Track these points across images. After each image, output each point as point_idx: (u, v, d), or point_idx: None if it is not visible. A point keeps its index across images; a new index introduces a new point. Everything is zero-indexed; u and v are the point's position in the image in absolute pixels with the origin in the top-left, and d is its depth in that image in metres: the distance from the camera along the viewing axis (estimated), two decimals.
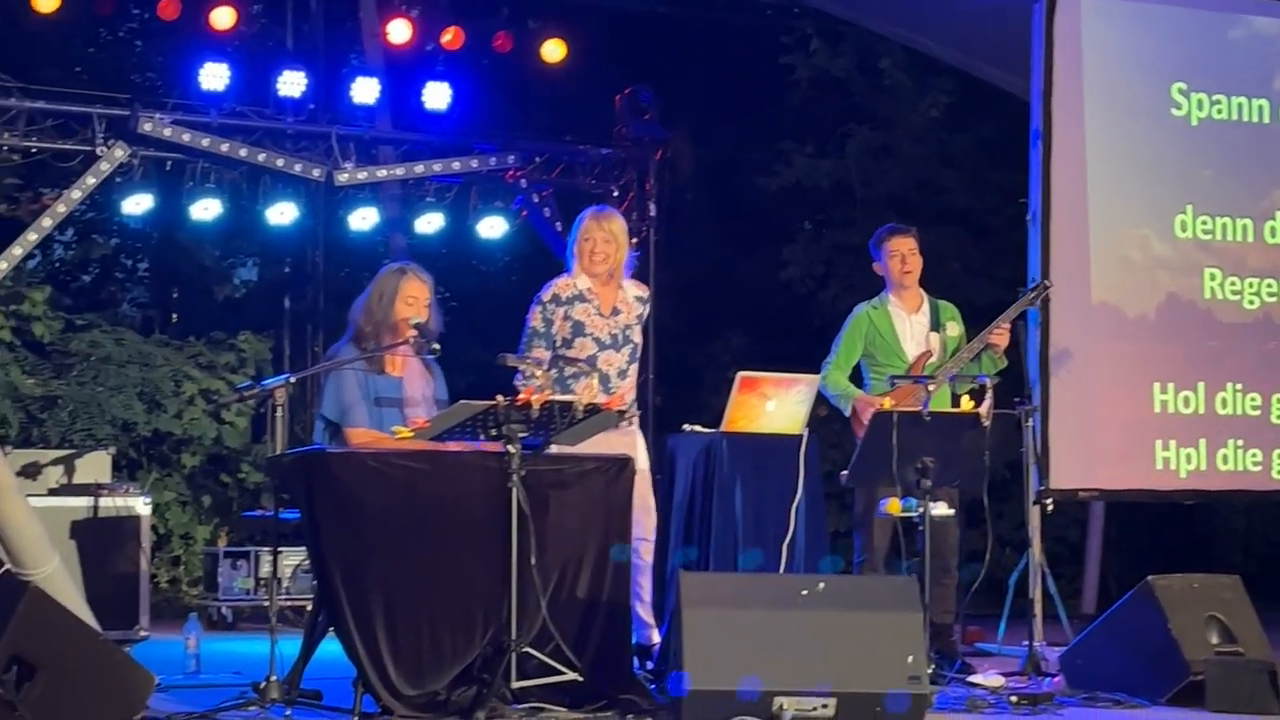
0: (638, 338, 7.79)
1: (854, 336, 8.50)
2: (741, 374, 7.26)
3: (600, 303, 7.69)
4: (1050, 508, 9.29)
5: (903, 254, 8.53)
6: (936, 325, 8.51)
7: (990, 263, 14.43)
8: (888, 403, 7.99)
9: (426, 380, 7.21)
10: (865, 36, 14.24)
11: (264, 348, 13.82)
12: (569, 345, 7.63)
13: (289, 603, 10.32)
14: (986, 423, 7.28)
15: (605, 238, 7.68)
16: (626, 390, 7.69)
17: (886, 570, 8.17)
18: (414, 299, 7.12)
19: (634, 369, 7.77)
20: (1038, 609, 8.73)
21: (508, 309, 15.35)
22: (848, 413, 8.36)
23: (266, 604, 10.25)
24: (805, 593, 6.35)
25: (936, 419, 7.28)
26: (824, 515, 7.58)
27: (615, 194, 12.80)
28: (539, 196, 12.64)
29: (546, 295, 7.70)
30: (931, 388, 7.85)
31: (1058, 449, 9.31)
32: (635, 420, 7.76)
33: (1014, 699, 6.87)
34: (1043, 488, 9.17)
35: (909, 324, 8.50)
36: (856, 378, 8.57)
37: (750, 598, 6.33)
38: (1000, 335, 8.32)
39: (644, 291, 7.88)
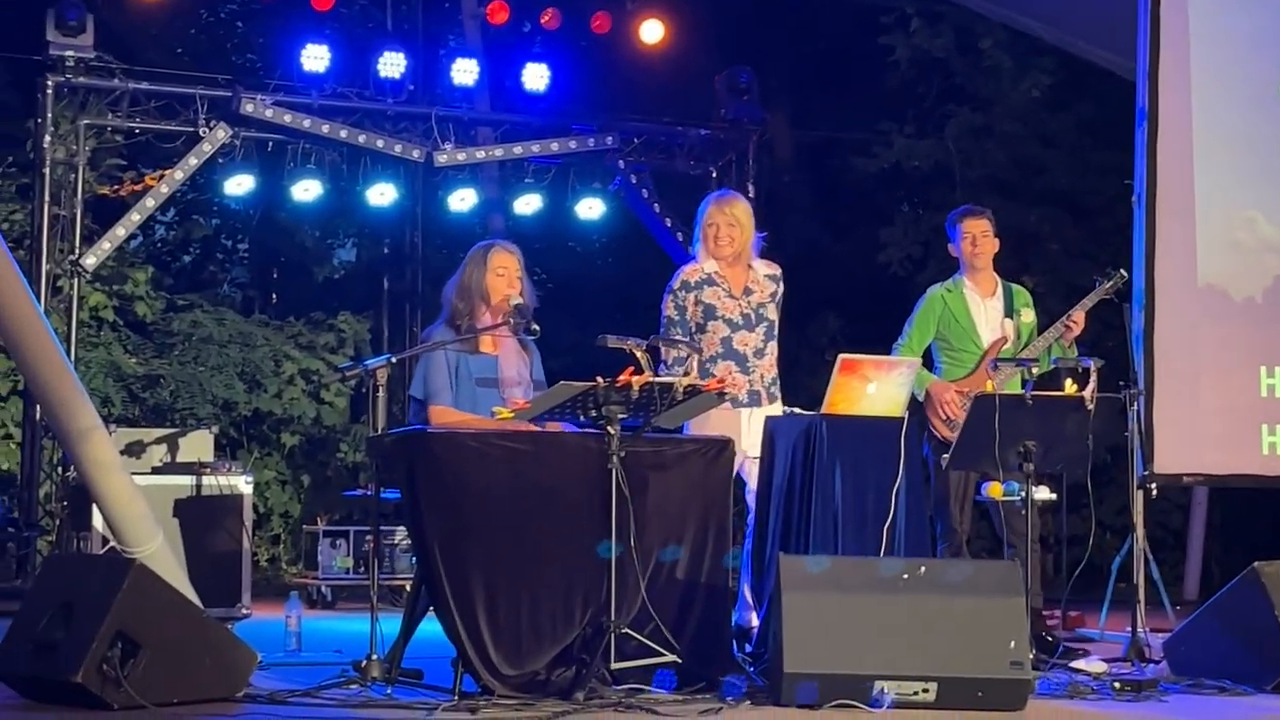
0: (773, 315, 7.88)
1: (927, 318, 8.43)
2: (843, 356, 7.21)
3: (730, 285, 7.80)
4: (1154, 493, 9.18)
5: (974, 236, 8.45)
6: (1010, 311, 8.43)
7: (1091, 244, 14.31)
8: (990, 385, 7.94)
9: (523, 360, 7.22)
10: (965, 15, 14.13)
11: (363, 328, 13.92)
12: (702, 330, 7.75)
13: (389, 582, 10.37)
14: (1091, 406, 7.20)
15: (728, 221, 7.79)
16: (765, 369, 7.78)
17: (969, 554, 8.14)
18: (504, 269, 7.14)
19: (771, 348, 7.86)
20: (1141, 595, 8.64)
21: (604, 290, 15.47)
22: (921, 397, 8.28)
23: (366, 583, 10.31)
24: (906, 577, 6.31)
25: (1040, 402, 7.21)
26: (924, 498, 7.52)
27: (714, 175, 12.78)
28: (637, 178, 12.64)
29: (676, 283, 7.82)
30: (1036, 370, 7.80)
31: (1162, 433, 9.20)
32: (779, 396, 7.81)
33: (1117, 685, 6.79)
34: (1146, 472, 9.06)
35: (984, 308, 8.43)
36: (926, 361, 8.51)
37: (850, 582, 6.30)
38: (1076, 326, 8.26)
39: (775, 270, 7.95)
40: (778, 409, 7.75)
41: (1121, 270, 8.56)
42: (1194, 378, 9.38)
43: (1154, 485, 9.16)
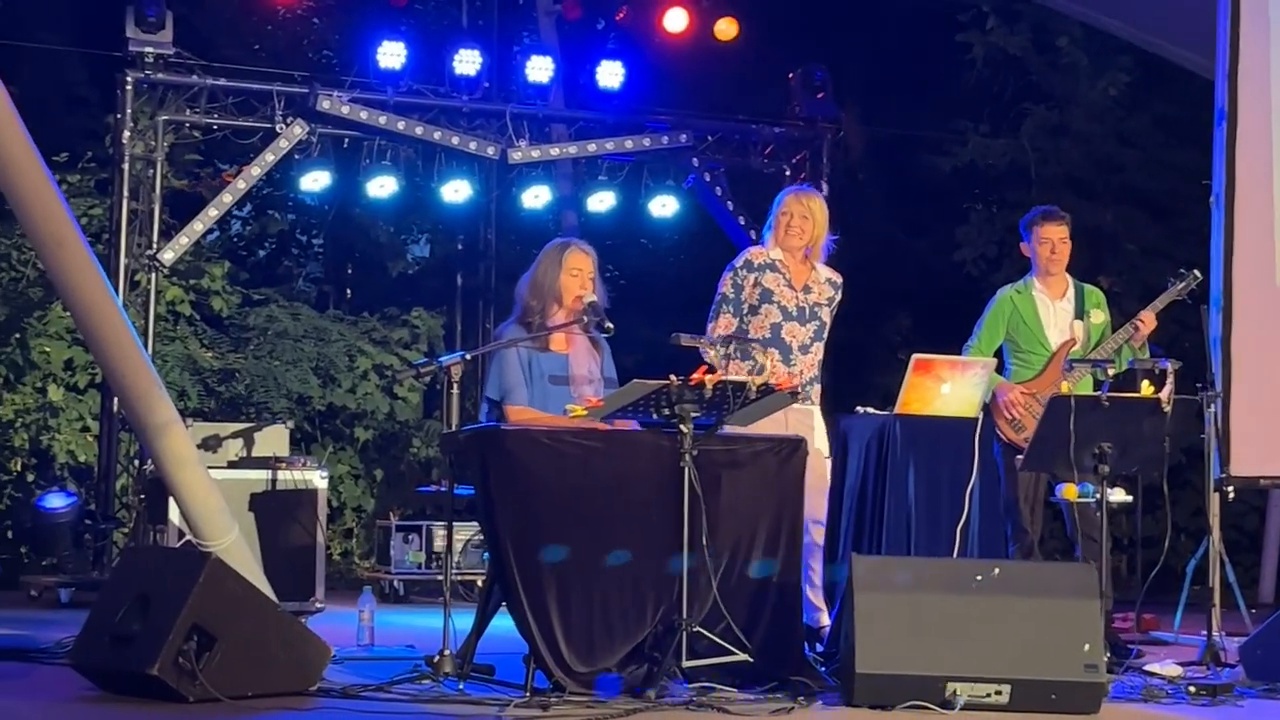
0: (826, 318, 7.88)
1: (996, 320, 8.38)
2: (916, 356, 7.20)
3: (792, 275, 7.79)
4: (1231, 495, 9.09)
5: (1053, 242, 8.37)
6: (1081, 312, 8.35)
7: (1169, 244, 14.19)
8: (1065, 386, 7.89)
9: (593, 358, 7.22)
10: (1042, 13, 14.04)
11: (436, 324, 13.96)
12: (755, 312, 7.75)
13: (461, 578, 10.41)
14: (1167, 408, 7.14)
15: (803, 213, 7.82)
16: (806, 367, 7.74)
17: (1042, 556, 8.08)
18: (578, 270, 7.13)
19: (818, 347, 7.85)
20: (1216, 598, 8.56)
21: (677, 288, 15.45)
22: (987, 399, 8.21)
23: (438, 578, 10.34)
24: (979, 578, 6.29)
25: (1115, 404, 7.15)
26: (998, 499, 7.49)
27: (788, 173, 12.74)
28: (710, 175, 12.63)
29: (739, 261, 7.87)
30: (1112, 371, 7.74)
31: (1239, 435, 9.10)
32: (816, 398, 7.79)
33: (1192, 689, 6.74)
34: (1223, 475, 8.98)
35: (1053, 310, 8.36)
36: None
37: (923, 582, 6.27)
38: (1144, 326, 8.19)
39: (838, 278, 7.98)
40: (812, 411, 7.71)
41: (1195, 271, 8.48)
42: (1271, 379, 9.29)
43: (1230, 488, 9.07)
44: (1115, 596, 8.31)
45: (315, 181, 11.93)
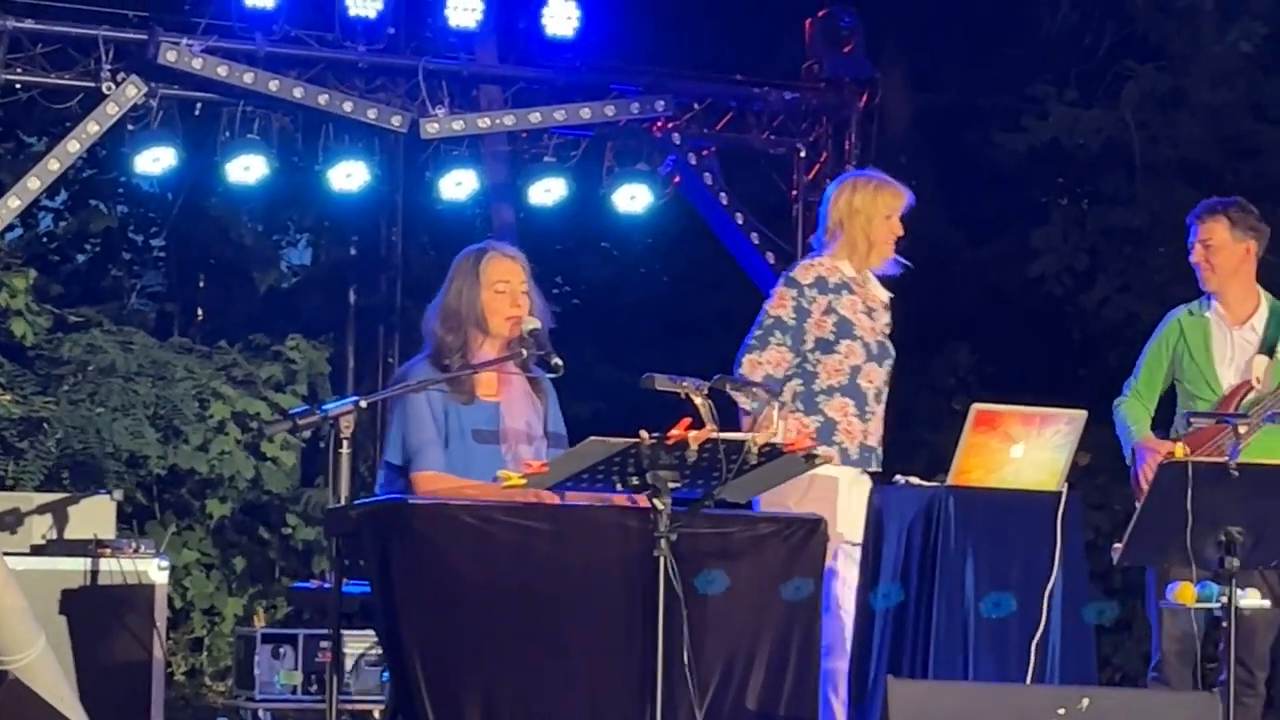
0: (893, 352, 7.93)
1: (1159, 352, 8.43)
2: (977, 406, 7.22)
3: (865, 300, 7.86)
4: None
5: (1194, 245, 8.42)
6: (1273, 344, 8.35)
7: None
8: (1179, 449, 7.89)
9: (534, 407, 7.23)
10: None
11: (320, 357, 13.96)
12: (829, 349, 7.77)
13: (351, 707, 10.39)
14: None
15: (903, 211, 7.85)
16: (879, 421, 7.87)
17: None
18: (505, 283, 7.13)
19: (885, 393, 7.94)
20: None
21: (651, 310, 15.50)
22: (1128, 457, 8.27)
23: (320, 707, 10.32)
24: (1062, 712, 6.30)
25: (1249, 474, 7.16)
26: (1086, 602, 7.52)
27: (802, 154, 12.80)
28: (696, 157, 12.66)
29: (805, 276, 7.83)
30: (1243, 429, 7.75)
31: None
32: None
33: None
34: None
35: (1229, 340, 8.38)
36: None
37: (986, 716, 6.29)
38: None
39: (889, 298, 8.03)
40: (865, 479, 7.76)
41: None
42: None
43: None
44: None
45: (155, 162, 11.94)
